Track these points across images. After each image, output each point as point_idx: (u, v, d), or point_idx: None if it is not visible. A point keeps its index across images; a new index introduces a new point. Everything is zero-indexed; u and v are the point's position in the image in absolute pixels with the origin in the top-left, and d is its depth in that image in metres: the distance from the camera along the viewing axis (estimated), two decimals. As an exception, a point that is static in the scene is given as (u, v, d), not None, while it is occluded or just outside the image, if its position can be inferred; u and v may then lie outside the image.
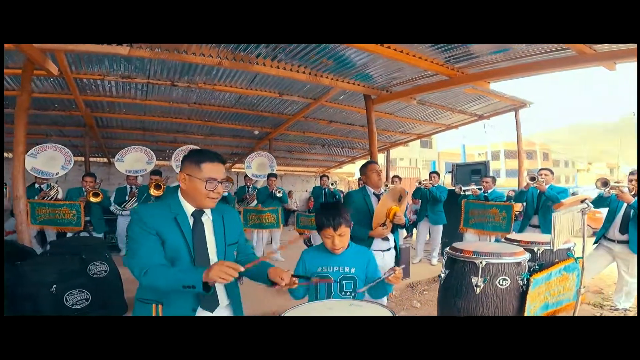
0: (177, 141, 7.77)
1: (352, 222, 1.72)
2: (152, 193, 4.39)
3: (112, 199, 5.55)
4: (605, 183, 3.28)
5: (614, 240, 3.39)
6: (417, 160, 25.30)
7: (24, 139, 3.03)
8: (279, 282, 1.41)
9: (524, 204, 4.04)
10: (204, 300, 1.40)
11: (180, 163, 1.47)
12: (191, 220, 1.42)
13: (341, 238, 1.63)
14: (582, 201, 1.72)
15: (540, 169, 3.97)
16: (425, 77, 3.98)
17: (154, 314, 1.35)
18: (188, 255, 1.37)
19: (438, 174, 5.41)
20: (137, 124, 6.96)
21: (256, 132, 7.23)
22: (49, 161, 5.43)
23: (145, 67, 4.32)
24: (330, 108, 6.09)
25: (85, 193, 4.59)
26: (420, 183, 5.31)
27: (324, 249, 1.71)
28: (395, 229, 2.86)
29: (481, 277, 1.67)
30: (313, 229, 5.44)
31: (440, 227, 5.30)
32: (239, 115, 6.43)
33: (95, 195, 4.62)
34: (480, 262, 1.67)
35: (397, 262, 2.82)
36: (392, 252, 2.81)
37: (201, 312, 1.41)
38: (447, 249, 1.95)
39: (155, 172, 5.37)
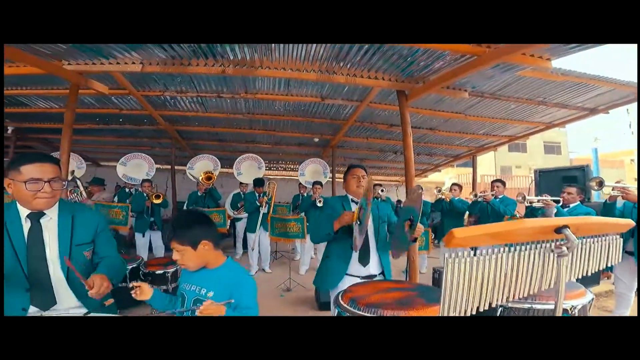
0: (249, 150, 8.22)
1: (209, 243, 1.41)
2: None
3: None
4: None
5: None
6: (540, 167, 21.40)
7: (68, 149, 3.56)
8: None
9: None
10: (36, 299, 1.41)
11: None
12: (27, 224, 1.42)
13: (180, 255, 1.37)
14: (558, 230, 0.96)
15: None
16: (456, 61, 3.18)
17: None
18: (15, 259, 1.37)
19: (460, 186, 4.61)
20: (212, 136, 7.64)
21: (316, 140, 7.12)
22: (136, 168, 6.37)
23: (187, 81, 4.65)
24: (384, 110, 5.54)
25: (147, 197, 5.22)
26: (440, 191, 4.56)
27: None
28: (385, 255, 2.34)
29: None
30: None
31: None
32: (294, 123, 6.43)
33: (157, 197, 5.21)
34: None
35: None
36: None
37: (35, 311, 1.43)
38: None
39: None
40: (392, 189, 11.68)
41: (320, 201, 5.09)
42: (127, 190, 6.36)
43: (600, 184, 3.33)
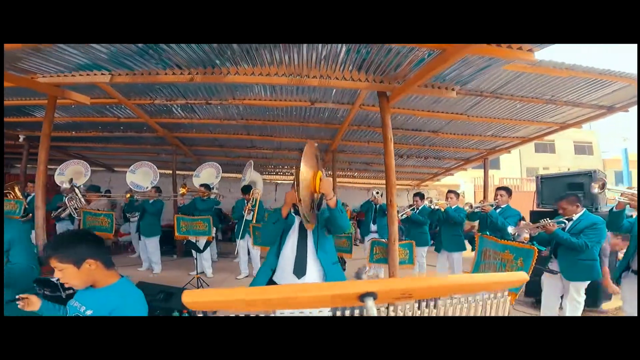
0: (251, 156, 8.17)
1: (96, 262, 1.38)
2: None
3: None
4: None
5: None
6: (570, 170, 20.21)
7: (45, 159, 3.56)
8: None
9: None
10: None
11: None
12: None
13: (61, 273, 1.33)
14: (361, 298, 0.68)
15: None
16: (430, 56, 2.91)
17: None
18: None
19: (457, 194, 4.62)
20: (212, 142, 7.63)
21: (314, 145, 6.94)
22: (144, 176, 6.44)
23: (175, 89, 4.61)
24: (379, 113, 5.29)
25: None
26: (431, 202, 4.37)
27: None
28: (329, 265, 2.16)
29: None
30: None
31: (459, 255, 4.44)
32: (289, 128, 6.30)
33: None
34: None
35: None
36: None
37: None
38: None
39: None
40: (402, 193, 11.32)
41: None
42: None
43: (603, 186, 2.96)
